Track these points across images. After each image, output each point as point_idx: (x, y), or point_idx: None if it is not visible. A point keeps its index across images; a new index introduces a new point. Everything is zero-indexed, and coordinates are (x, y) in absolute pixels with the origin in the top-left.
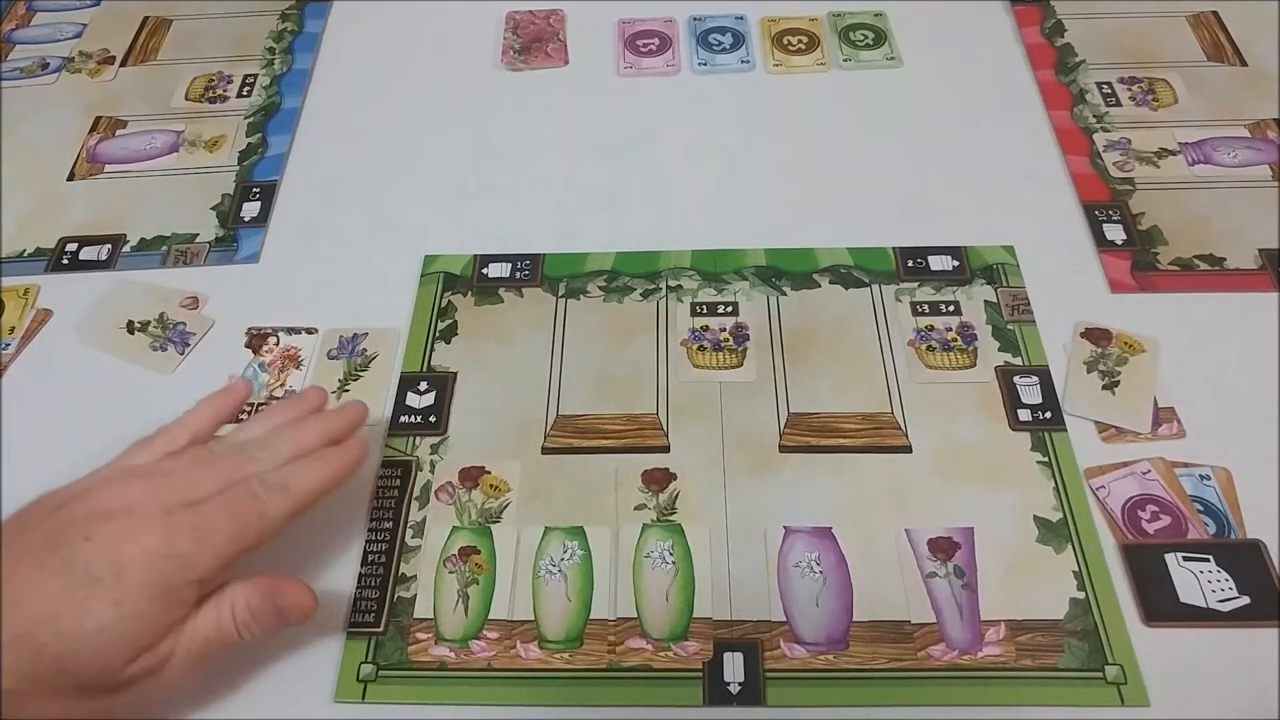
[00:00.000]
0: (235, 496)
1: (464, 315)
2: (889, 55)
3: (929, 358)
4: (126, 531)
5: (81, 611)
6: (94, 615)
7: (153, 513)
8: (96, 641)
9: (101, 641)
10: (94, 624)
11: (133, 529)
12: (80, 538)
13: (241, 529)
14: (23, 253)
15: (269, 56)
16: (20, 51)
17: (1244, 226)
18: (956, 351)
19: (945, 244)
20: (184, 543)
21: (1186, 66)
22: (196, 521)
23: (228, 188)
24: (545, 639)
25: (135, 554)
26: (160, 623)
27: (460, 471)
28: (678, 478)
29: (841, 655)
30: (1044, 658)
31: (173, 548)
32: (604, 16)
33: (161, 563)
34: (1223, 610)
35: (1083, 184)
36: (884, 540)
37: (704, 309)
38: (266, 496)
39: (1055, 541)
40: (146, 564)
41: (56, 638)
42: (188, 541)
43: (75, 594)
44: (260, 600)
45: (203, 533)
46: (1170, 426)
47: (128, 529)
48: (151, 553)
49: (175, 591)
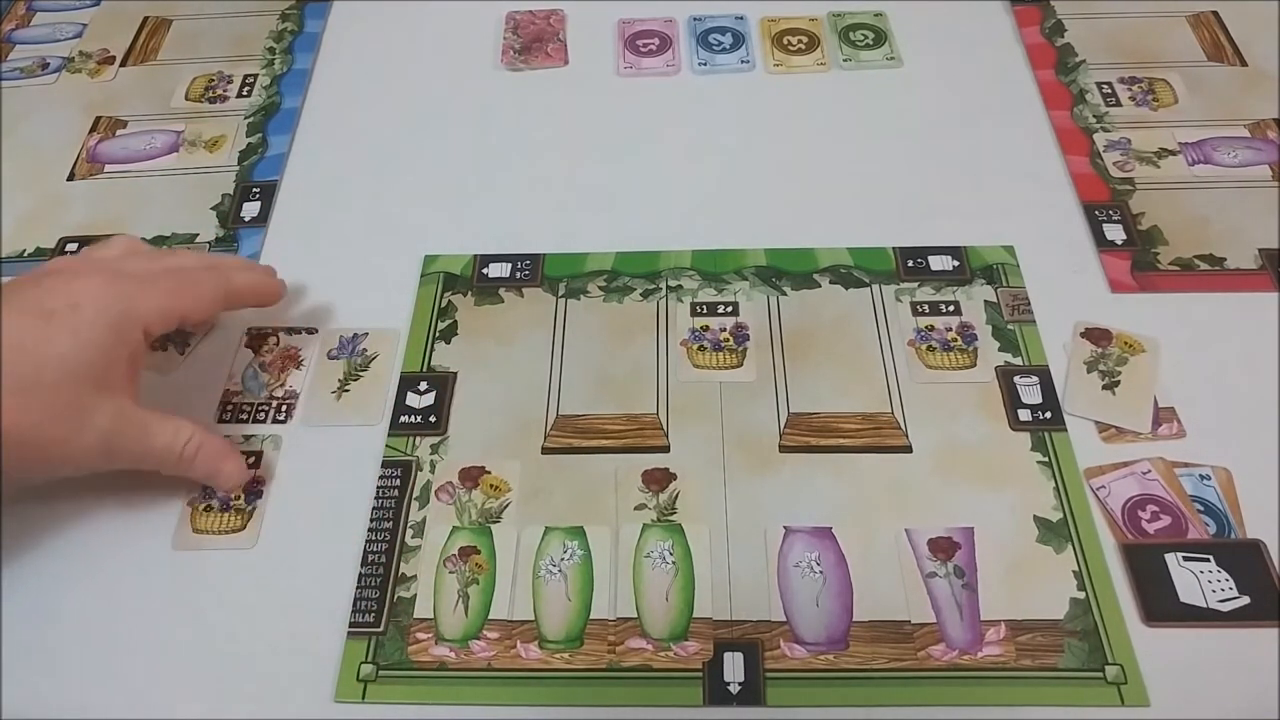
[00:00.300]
0: (177, 274)
1: (464, 315)
2: (889, 55)
3: (929, 358)
4: (75, 276)
5: (43, 338)
6: (54, 341)
7: (101, 269)
8: (59, 366)
9: (64, 367)
10: (56, 350)
11: (81, 275)
12: (33, 286)
13: (178, 289)
14: (23, 253)
15: (269, 56)
16: (20, 51)
17: (1244, 226)
18: (956, 351)
19: (945, 244)
20: (128, 286)
21: (1186, 66)
22: (140, 277)
23: (228, 188)
24: (545, 639)
25: (85, 290)
26: (113, 356)
27: (460, 471)
28: (678, 478)
29: (841, 655)
30: (1044, 658)
31: (118, 288)
32: (604, 16)
33: (110, 300)
34: (1223, 610)
35: (1083, 184)
36: (884, 540)
37: (704, 309)
38: (204, 277)
39: (1055, 541)
40: (96, 300)
41: (27, 361)
42: (132, 285)
43: (36, 325)
44: (213, 452)
45: (144, 284)
46: (1170, 426)
47: (76, 276)
48: (100, 290)
49: (125, 330)
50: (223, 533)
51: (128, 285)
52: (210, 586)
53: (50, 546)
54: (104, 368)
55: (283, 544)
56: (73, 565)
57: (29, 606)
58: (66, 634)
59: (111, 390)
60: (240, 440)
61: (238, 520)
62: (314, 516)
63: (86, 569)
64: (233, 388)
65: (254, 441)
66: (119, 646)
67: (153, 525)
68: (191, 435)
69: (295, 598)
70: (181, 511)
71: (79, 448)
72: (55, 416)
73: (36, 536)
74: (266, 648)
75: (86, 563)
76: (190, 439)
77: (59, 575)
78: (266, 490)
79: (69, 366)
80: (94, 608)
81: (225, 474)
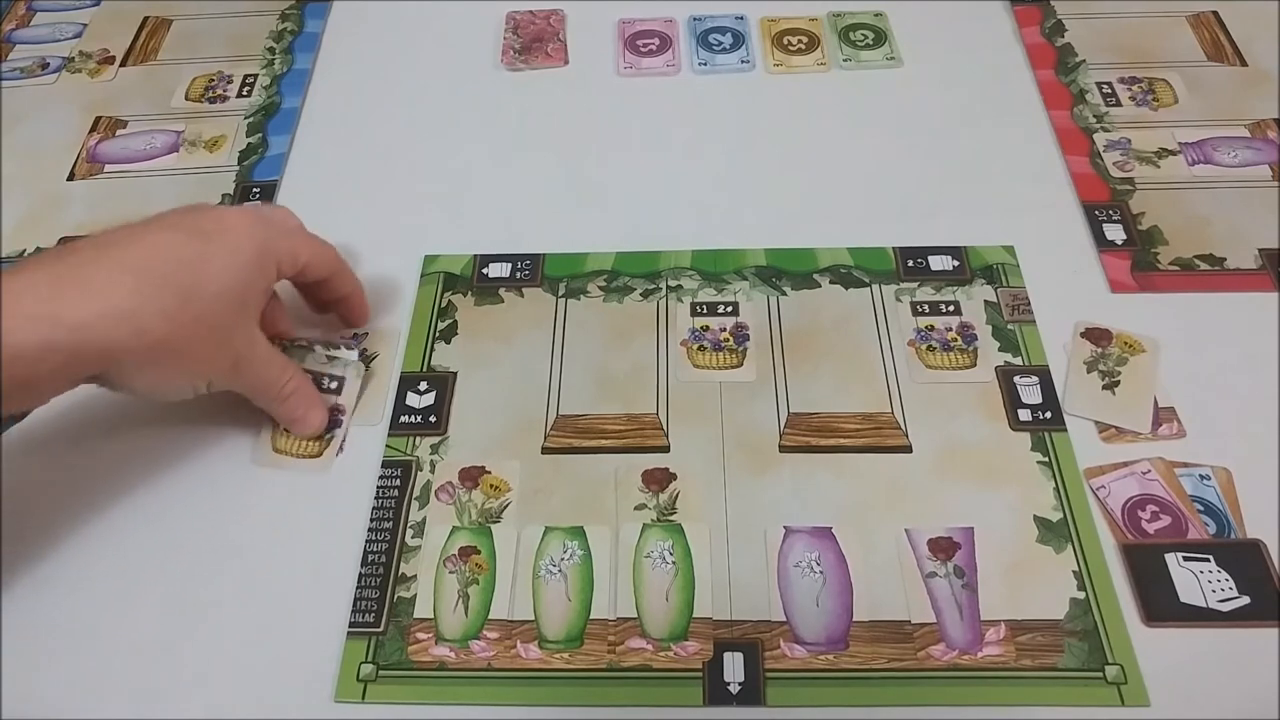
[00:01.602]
0: (306, 230)
1: (464, 315)
2: (889, 55)
3: (929, 358)
4: (225, 210)
5: (202, 254)
6: (212, 259)
7: (246, 209)
8: (216, 283)
9: (220, 284)
10: (212, 267)
11: (230, 210)
12: (186, 211)
13: (309, 239)
14: (23, 253)
15: (269, 56)
16: (20, 51)
17: (1244, 226)
18: (956, 351)
19: (945, 244)
20: (270, 224)
21: (1186, 66)
22: (278, 221)
23: (228, 188)
24: (545, 639)
25: (236, 219)
26: (255, 283)
27: (460, 471)
28: (678, 478)
29: (841, 655)
30: (1044, 658)
31: (263, 223)
32: (604, 16)
33: (258, 230)
34: (1223, 610)
35: (1083, 184)
36: (884, 540)
37: (704, 309)
38: (327, 244)
39: (1055, 541)
40: (247, 228)
41: (188, 273)
42: (273, 225)
43: (194, 242)
44: (305, 398)
45: (282, 226)
46: (1170, 426)
47: (226, 210)
48: (248, 222)
49: (266, 260)
50: (299, 457)
51: (269, 223)
52: (212, 577)
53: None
54: (248, 292)
55: (283, 542)
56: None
57: (23, 607)
58: (65, 635)
59: (249, 316)
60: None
61: (315, 447)
62: (314, 516)
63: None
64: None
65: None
66: (119, 647)
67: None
68: (293, 375)
69: (295, 598)
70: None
71: (218, 365)
72: (207, 331)
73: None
74: (266, 648)
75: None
76: (291, 378)
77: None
78: (345, 422)
79: (224, 284)
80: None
81: (309, 421)
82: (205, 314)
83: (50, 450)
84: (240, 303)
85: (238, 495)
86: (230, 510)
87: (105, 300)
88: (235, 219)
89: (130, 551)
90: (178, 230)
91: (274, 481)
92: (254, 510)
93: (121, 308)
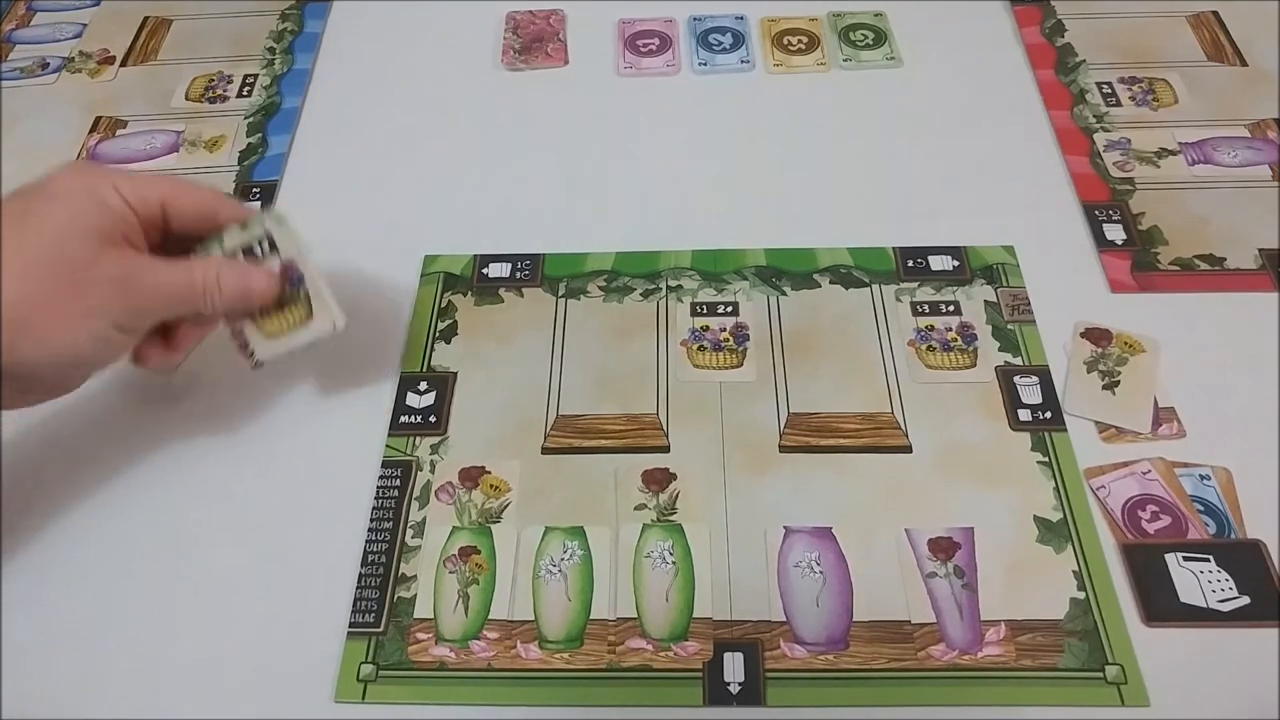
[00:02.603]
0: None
1: (464, 315)
2: (889, 55)
3: (929, 358)
4: (50, 173)
5: (21, 221)
6: (31, 211)
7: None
8: (47, 224)
9: (47, 236)
10: (35, 217)
11: (52, 172)
12: (19, 189)
13: (161, 178)
14: None
15: (269, 56)
16: (20, 51)
17: (1244, 226)
18: (956, 351)
19: (945, 244)
20: (101, 170)
21: (1186, 66)
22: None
23: (228, 188)
24: (545, 639)
25: (55, 174)
26: (98, 219)
27: (460, 471)
28: (678, 478)
29: (841, 655)
30: (1044, 658)
31: (88, 170)
32: (604, 16)
33: (75, 170)
34: (1223, 610)
35: (1083, 184)
36: (884, 540)
37: (704, 309)
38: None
39: (1055, 541)
40: (64, 173)
41: (12, 231)
42: (106, 170)
43: (13, 203)
44: (236, 274)
45: (119, 172)
46: (1170, 426)
47: (50, 173)
48: (69, 175)
49: (96, 187)
50: (295, 328)
51: (93, 166)
52: (212, 578)
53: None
54: (92, 228)
55: (283, 543)
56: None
57: (22, 607)
58: (64, 635)
59: (107, 244)
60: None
61: (301, 310)
62: (314, 516)
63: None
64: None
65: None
66: (119, 647)
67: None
68: (204, 265)
69: (295, 598)
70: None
71: (95, 298)
72: (59, 272)
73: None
74: (266, 648)
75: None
76: (203, 269)
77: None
78: (303, 269)
79: (53, 224)
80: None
81: (253, 286)
82: (45, 258)
83: (47, 447)
84: (86, 238)
85: (239, 495)
86: (231, 510)
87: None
88: (54, 175)
89: (129, 552)
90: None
91: (275, 479)
92: (255, 510)
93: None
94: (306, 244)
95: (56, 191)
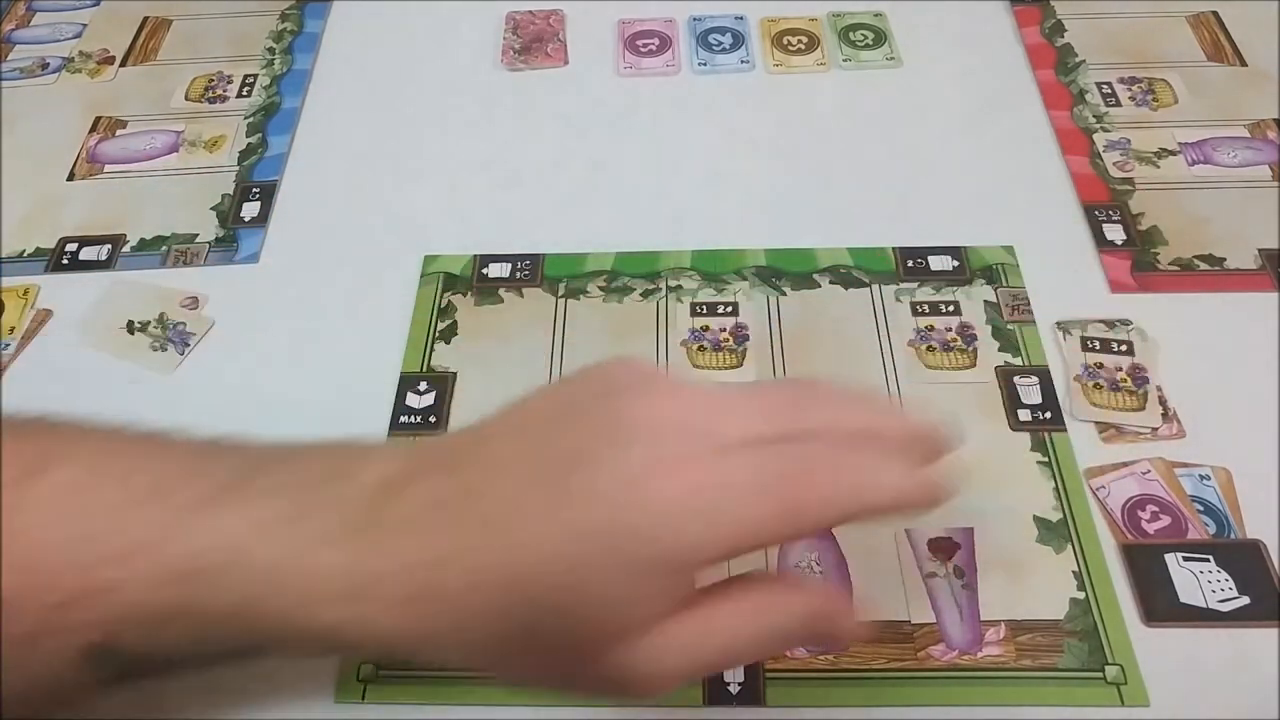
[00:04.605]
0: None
1: (464, 315)
2: (889, 55)
3: (929, 358)
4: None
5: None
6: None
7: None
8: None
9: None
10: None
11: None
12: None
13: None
14: (23, 253)
15: (269, 56)
16: (20, 51)
17: (1244, 226)
18: (956, 352)
19: (945, 244)
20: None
21: (1186, 66)
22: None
23: (228, 188)
24: None
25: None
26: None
27: None
28: None
29: (841, 655)
30: (1044, 658)
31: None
32: (604, 16)
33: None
34: (1223, 610)
35: (1083, 184)
36: (884, 540)
37: (704, 309)
38: (834, 472)
39: (1055, 541)
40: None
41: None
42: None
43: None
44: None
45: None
46: (1170, 426)
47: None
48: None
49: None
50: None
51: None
52: None
53: None
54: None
55: None
56: None
57: None
58: None
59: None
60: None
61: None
62: None
63: None
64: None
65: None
66: None
67: None
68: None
69: None
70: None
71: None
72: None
73: None
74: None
75: None
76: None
77: None
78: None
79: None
80: None
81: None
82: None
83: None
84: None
85: None
86: None
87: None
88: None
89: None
90: (535, 485)
91: None
92: None
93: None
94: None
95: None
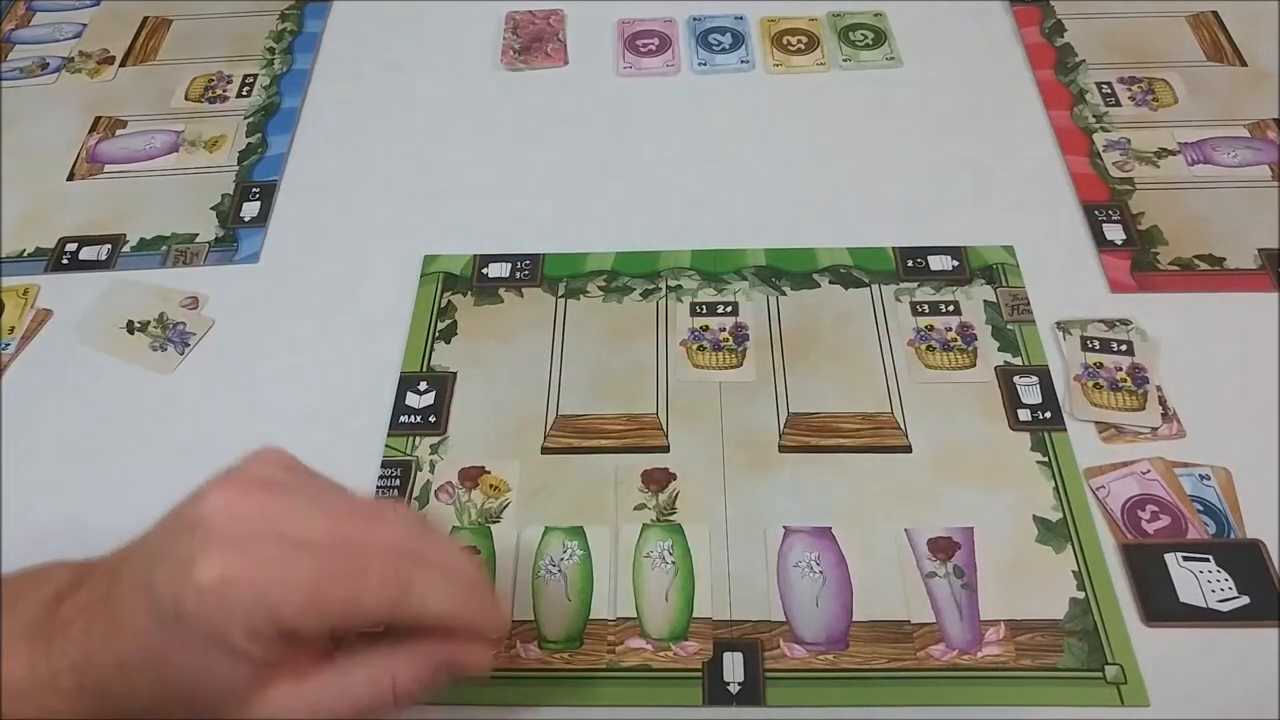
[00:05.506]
0: (343, 560)
1: (464, 315)
2: (889, 55)
3: (929, 358)
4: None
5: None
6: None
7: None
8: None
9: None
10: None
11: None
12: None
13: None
14: (23, 253)
15: (269, 56)
16: (20, 51)
17: (1244, 226)
18: (956, 351)
19: (945, 244)
20: (263, 568)
21: (1186, 66)
22: (282, 555)
23: (227, 188)
24: (545, 639)
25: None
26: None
27: (460, 471)
28: (678, 478)
29: (841, 655)
30: (1044, 658)
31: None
32: (604, 16)
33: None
34: (1223, 610)
35: (1083, 184)
36: (884, 540)
37: (704, 309)
38: (379, 583)
39: (1055, 541)
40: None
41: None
42: (270, 568)
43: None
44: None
45: (287, 564)
46: (1170, 426)
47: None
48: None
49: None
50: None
51: (262, 566)
52: None
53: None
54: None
55: None
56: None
57: None
58: None
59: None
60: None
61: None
62: None
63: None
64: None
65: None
66: None
67: None
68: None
69: None
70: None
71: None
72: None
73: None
74: None
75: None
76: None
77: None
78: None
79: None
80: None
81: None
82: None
83: (46, 443)
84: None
85: None
86: None
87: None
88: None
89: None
90: (137, 588)
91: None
92: None
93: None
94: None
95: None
